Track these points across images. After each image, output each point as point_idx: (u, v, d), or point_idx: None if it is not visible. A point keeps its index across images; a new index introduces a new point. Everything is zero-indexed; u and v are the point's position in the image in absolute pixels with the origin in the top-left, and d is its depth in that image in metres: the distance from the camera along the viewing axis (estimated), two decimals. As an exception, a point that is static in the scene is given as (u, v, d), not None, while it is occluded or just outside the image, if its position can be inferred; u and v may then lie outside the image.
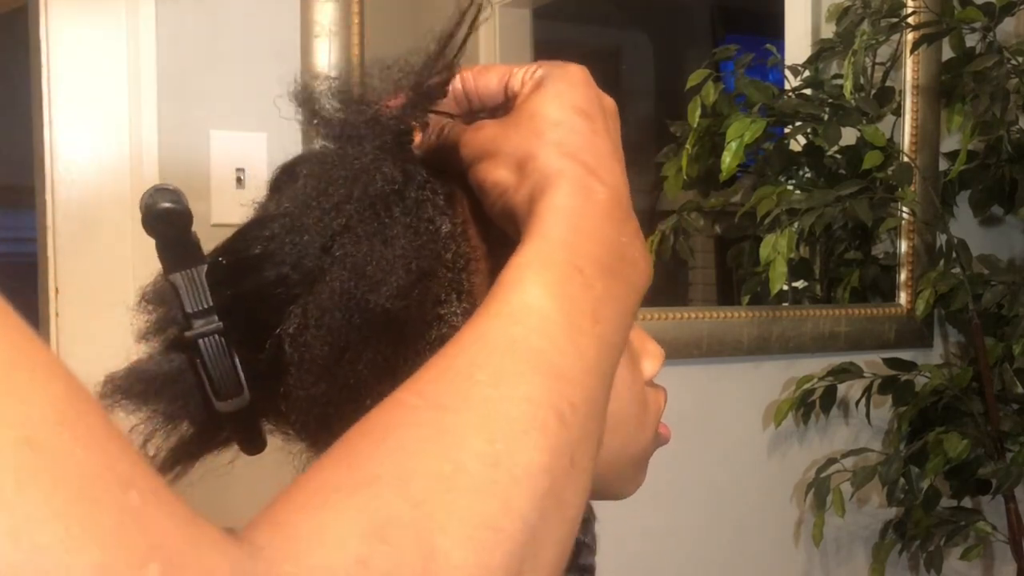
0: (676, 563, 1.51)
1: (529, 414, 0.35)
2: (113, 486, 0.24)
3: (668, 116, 1.62)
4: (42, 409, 0.24)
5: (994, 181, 1.64)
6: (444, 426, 0.34)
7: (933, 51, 1.62)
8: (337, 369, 0.48)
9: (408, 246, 0.48)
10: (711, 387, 1.52)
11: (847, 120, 1.50)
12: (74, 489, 0.23)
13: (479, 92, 0.50)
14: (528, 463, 0.34)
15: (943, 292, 1.57)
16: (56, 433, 0.23)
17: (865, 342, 1.61)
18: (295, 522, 0.30)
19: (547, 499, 0.34)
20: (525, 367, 0.37)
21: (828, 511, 1.51)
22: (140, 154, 1.16)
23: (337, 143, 0.51)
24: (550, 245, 0.41)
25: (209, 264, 0.49)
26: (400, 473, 0.32)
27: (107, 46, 1.14)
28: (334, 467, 0.33)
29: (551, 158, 0.44)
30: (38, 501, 0.22)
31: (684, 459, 1.48)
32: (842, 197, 1.46)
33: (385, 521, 0.30)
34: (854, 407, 1.61)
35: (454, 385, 0.36)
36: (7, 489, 0.22)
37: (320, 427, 0.50)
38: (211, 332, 0.47)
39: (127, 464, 0.25)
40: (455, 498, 0.32)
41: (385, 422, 0.35)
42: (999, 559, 1.72)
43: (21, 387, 0.23)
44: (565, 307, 0.39)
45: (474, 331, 0.38)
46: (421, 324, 0.49)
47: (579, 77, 0.47)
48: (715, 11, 1.81)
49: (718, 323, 1.49)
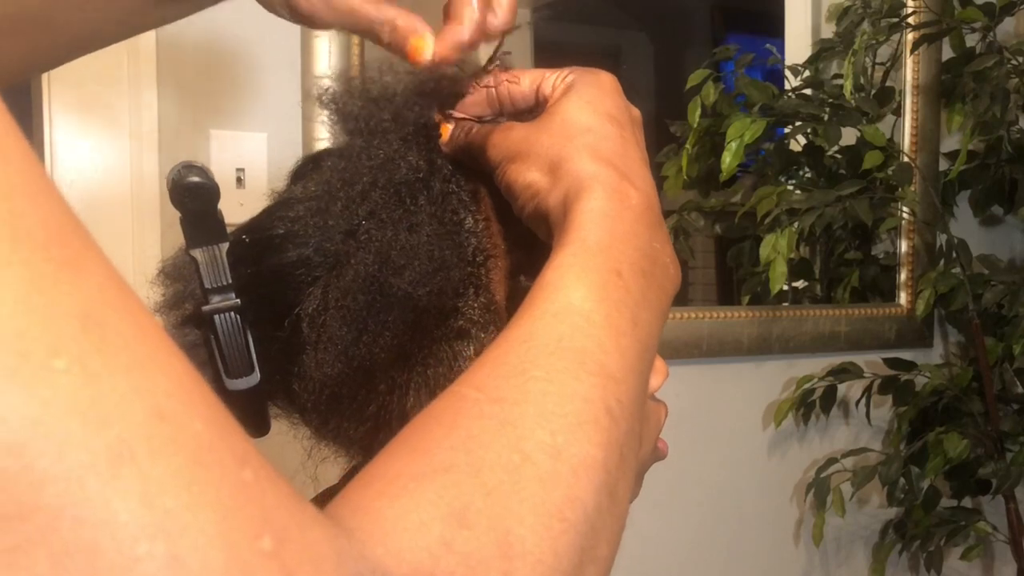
0: (676, 563, 1.51)
1: (583, 409, 0.37)
2: (230, 461, 0.26)
3: (668, 116, 1.62)
4: (168, 382, 0.25)
5: (994, 181, 1.64)
6: (507, 418, 0.35)
7: (933, 51, 1.62)
8: (354, 351, 0.49)
9: (432, 235, 0.49)
10: (711, 387, 1.52)
11: (847, 120, 1.50)
12: (198, 461, 0.25)
13: (511, 94, 0.51)
14: (585, 456, 0.35)
15: (943, 292, 1.57)
16: (182, 407, 0.25)
17: (865, 342, 1.61)
18: (379, 508, 0.31)
19: (602, 492, 0.36)
20: (574, 364, 0.38)
21: (828, 511, 1.51)
22: (140, 154, 1.16)
23: (363, 137, 0.51)
24: (589, 249, 0.42)
25: (231, 241, 0.49)
26: (472, 461, 0.33)
27: (107, 46, 1.14)
28: (409, 455, 0.34)
29: (584, 162, 0.45)
30: (169, 469, 0.24)
31: (684, 459, 1.48)
32: (842, 197, 1.46)
33: (463, 507, 0.32)
34: (854, 407, 1.61)
35: (510, 380, 0.37)
36: (141, 457, 0.23)
37: (331, 408, 0.51)
38: (228, 309, 0.48)
39: (240, 441, 0.27)
40: (524, 487, 0.33)
41: (450, 413, 0.36)
42: (999, 559, 1.72)
43: (146, 358, 0.25)
44: (607, 309, 0.40)
45: (521, 330, 0.39)
46: (438, 314, 0.49)
47: (610, 85, 0.49)
48: (715, 11, 1.81)
49: (718, 323, 1.49)
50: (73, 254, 0.24)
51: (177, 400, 0.25)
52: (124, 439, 0.23)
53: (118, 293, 0.26)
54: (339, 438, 0.53)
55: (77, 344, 0.23)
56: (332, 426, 0.52)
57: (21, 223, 0.23)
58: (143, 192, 1.16)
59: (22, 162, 0.25)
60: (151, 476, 0.23)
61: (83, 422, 0.23)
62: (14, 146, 0.25)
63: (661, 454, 0.54)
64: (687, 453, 1.49)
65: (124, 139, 1.16)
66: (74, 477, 0.22)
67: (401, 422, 0.50)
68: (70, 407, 0.23)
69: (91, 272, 0.25)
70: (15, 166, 0.24)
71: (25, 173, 0.25)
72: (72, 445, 0.22)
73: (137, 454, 0.23)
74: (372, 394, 0.50)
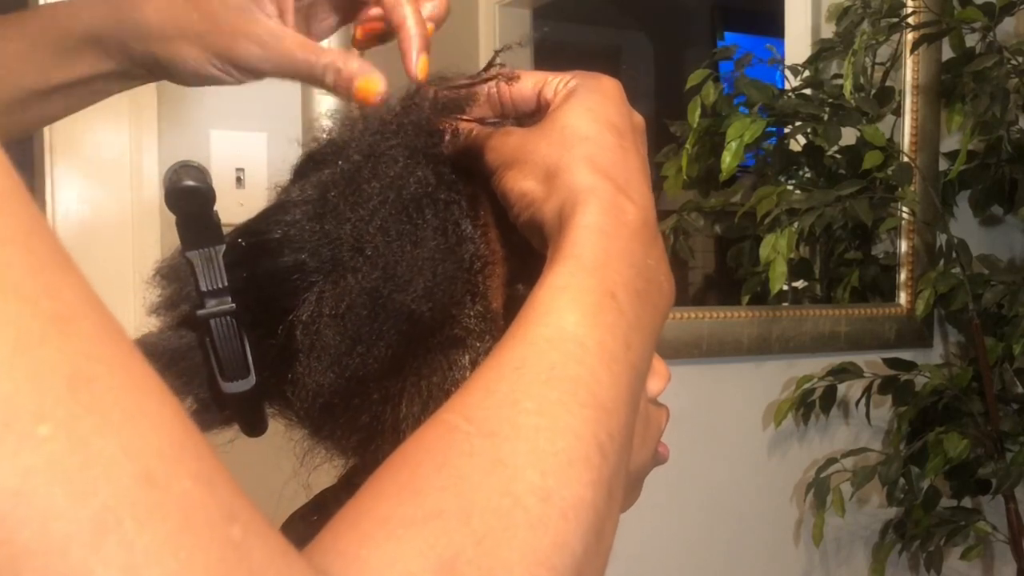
0: (676, 563, 1.51)
1: (573, 446, 0.36)
2: (219, 519, 0.25)
3: (668, 116, 1.62)
4: (159, 439, 0.24)
5: (994, 181, 1.64)
6: (499, 455, 0.34)
7: (933, 51, 1.62)
8: (347, 360, 0.48)
9: (436, 248, 0.48)
10: (711, 387, 1.52)
11: (847, 120, 1.50)
12: (186, 525, 0.24)
13: (513, 97, 0.51)
14: (574, 498, 0.35)
15: (943, 292, 1.57)
16: (171, 466, 0.24)
17: (865, 342, 1.61)
18: (365, 556, 0.30)
19: (591, 534, 0.35)
20: (567, 395, 0.37)
21: (828, 511, 1.51)
22: (140, 154, 1.16)
23: (369, 141, 0.51)
24: (584, 269, 0.41)
25: (227, 244, 0.49)
26: (463, 506, 0.33)
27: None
28: (397, 495, 0.33)
29: (581, 173, 0.44)
30: (156, 537, 0.23)
31: (684, 459, 1.48)
32: (842, 197, 1.46)
33: (452, 557, 0.31)
34: (854, 407, 1.61)
35: (501, 411, 0.36)
36: (127, 525, 0.23)
37: (324, 416, 0.50)
38: (223, 313, 0.47)
39: (229, 495, 0.26)
40: (514, 535, 0.33)
41: (441, 446, 0.35)
42: (999, 559, 1.72)
43: (138, 414, 0.24)
44: (600, 335, 0.39)
45: (513, 355, 0.38)
46: (433, 323, 0.49)
47: (613, 91, 0.48)
48: (715, 11, 1.81)
49: (718, 323, 1.49)
50: (63, 307, 0.24)
51: (167, 459, 0.24)
52: (110, 507, 0.23)
53: (109, 344, 0.25)
54: (333, 443, 0.53)
55: (64, 407, 0.23)
56: (325, 433, 0.52)
57: (10, 275, 0.23)
58: (143, 192, 1.16)
59: (12, 203, 0.24)
60: (137, 545, 0.23)
61: (68, 491, 0.22)
62: (5, 187, 0.24)
63: (662, 458, 0.53)
64: (687, 453, 1.49)
65: (124, 139, 1.16)
66: (56, 549, 0.22)
67: (394, 431, 0.49)
68: (54, 476, 0.22)
69: (81, 324, 0.24)
70: (6, 209, 0.24)
71: (17, 215, 0.24)
72: (55, 516, 0.22)
73: (123, 522, 0.23)
74: (365, 403, 0.50)
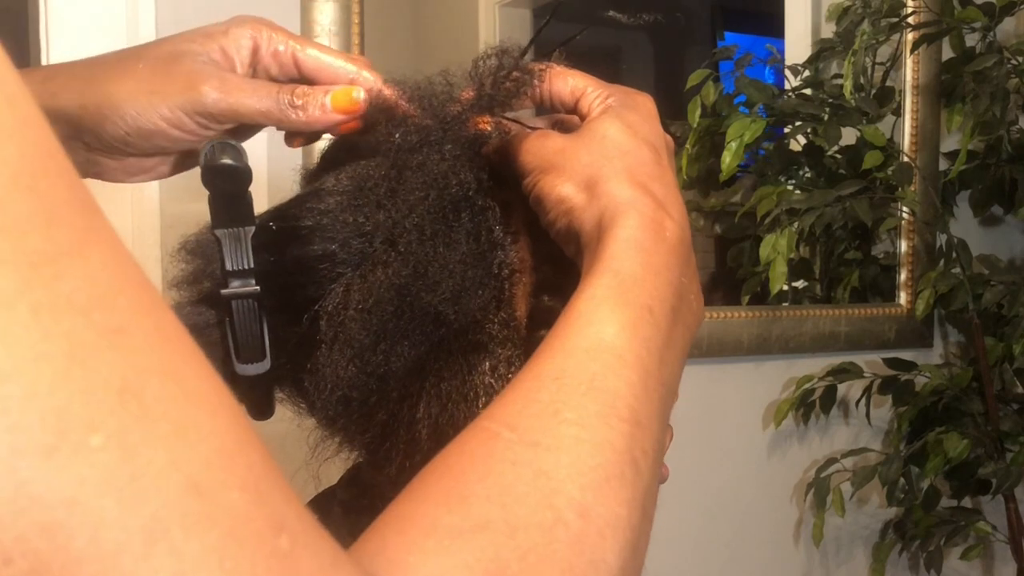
0: (676, 563, 1.51)
1: (611, 461, 0.36)
2: (266, 530, 0.25)
3: (668, 116, 1.62)
4: (208, 449, 0.25)
5: (994, 181, 1.64)
6: (542, 467, 0.35)
7: (933, 51, 1.62)
8: (370, 356, 0.48)
9: (467, 252, 0.48)
10: (711, 387, 1.52)
11: (847, 120, 1.49)
12: (233, 535, 0.24)
13: (552, 95, 0.51)
14: (611, 516, 0.35)
15: (943, 292, 1.57)
16: (219, 476, 0.25)
17: (865, 342, 1.61)
18: (414, 564, 0.31)
19: (627, 550, 0.35)
20: (606, 408, 0.37)
21: (828, 511, 1.51)
22: (140, 154, 1.16)
23: (418, 138, 0.50)
24: (623, 282, 0.41)
25: (257, 227, 0.48)
26: (508, 519, 0.33)
27: (106, 43, 1.14)
28: (445, 501, 0.34)
29: (622, 185, 0.44)
30: (203, 546, 0.24)
31: (684, 459, 1.48)
32: (842, 197, 1.46)
33: (498, 571, 0.32)
34: (854, 407, 1.61)
35: (542, 421, 0.36)
36: (176, 534, 0.23)
37: (340, 408, 0.50)
38: (247, 295, 0.47)
39: (279, 503, 0.26)
40: (555, 550, 0.33)
41: (484, 453, 0.36)
42: (999, 559, 1.72)
43: (187, 425, 0.24)
44: (637, 348, 0.40)
45: (553, 365, 0.39)
46: (458, 326, 0.49)
47: (648, 111, 0.48)
48: (715, 11, 1.80)
49: (718, 323, 1.49)
50: (116, 318, 0.24)
51: (214, 468, 0.25)
52: (159, 517, 0.23)
53: (163, 353, 0.25)
54: (344, 436, 0.53)
55: (115, 417, 0.23)
56: (339, 425, 0.52)
57: (63, 288, 0.23)
58: (143, 191, 1.16)
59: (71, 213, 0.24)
60: (185, 554, 0.23)
61: (119, 500, 0.23)
62: (64, 199, 0.24)
63: (662, 477, 0.54)
64: (687, 453, 1.49)
65: (124, 139, 1.16)
66: (108, 557, 0.22)
67: (409, 431, 0.49)
68: (106, 485, 0.22)
69: (134, 335, 0.24)
70: (64, 220, 0.23)
71: (73, 226, 0.24)
72: (107, 525, 0.22)
73: (171, 531, 0.23)
74: (383, 400, 0.49)
